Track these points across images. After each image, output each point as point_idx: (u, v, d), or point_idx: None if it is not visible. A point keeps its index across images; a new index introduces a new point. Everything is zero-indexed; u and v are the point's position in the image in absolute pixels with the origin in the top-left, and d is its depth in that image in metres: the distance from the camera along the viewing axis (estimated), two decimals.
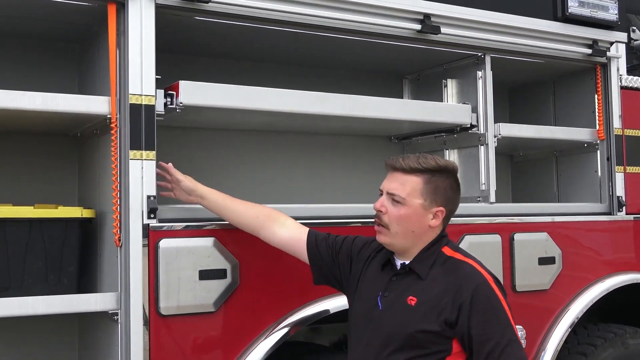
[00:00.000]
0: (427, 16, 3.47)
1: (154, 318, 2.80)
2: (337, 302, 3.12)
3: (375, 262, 2.70)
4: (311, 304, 3.10)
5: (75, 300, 2.78)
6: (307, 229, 2.90)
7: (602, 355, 3.90)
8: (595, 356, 3.89)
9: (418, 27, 3.46)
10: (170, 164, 2.96)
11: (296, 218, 3.03)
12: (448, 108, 3.80)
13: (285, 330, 3.01)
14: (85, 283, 3.08)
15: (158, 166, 2.91)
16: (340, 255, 2.80)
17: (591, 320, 4.25)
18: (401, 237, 2.55)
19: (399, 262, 2.62)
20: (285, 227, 2.90)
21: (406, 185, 2.53)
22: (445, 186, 2.56)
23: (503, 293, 2.49)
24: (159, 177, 2.92)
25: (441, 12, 3.50)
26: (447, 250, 2.59)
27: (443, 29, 3.52)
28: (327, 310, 3.12)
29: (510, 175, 4.82)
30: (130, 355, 2.74)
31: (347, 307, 3.09)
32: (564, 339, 3.76)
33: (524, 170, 4.76)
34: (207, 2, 2.96)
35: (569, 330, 3.78)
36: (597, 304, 3.95)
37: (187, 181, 2.95)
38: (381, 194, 2.60)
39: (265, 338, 2.98)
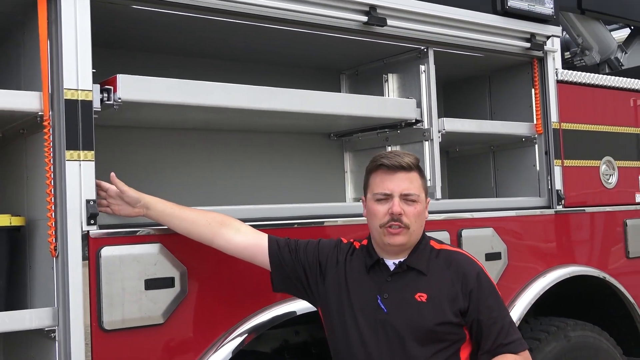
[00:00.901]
0: (373, 8, 3.35)
1: (97, 334, 2.56)
2: (300, 305, 2.97)
3: (355, 265, 2.64)
4: (266, 309, 2.94)
5: (8, 318, 2.49)
6: (265, 235, 2.75)
7: (546, 348, 3.91)
8: (540, 350, 3.88)
9: (364, 18, 3.34)
10: (112, 174, 2.68)
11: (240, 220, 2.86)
12: (394, 103, 3.71)
13: (240, 339, 2.83)
14: (13, 298, 2.80)
15: (96, 184, 2.64)
16: (306, 260, 2.69)
17: (530, 314, 4.26)
18: (416, 233, 2.58)
19: (391, 262, 2.60)
20: (241, 233, 2.73)
21: (414, 182, 2.58)
22: (426, 177, 2.71)
23: None
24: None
25: (387, 4, 3.40)
26: (434, 244, 2.67)
27: (389, 21, 3.41)
28: (294, 312, 2.98)
29: (446, 171, 4.78)
30: None
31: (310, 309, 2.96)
32: None
33: (460, 166, 4.73)
34: None
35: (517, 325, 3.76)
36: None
37: (131, 192, 2.68)
38: (383, 198, 2.55)
39: (219, 348, 2.79)
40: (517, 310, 3.79)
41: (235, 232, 2.73)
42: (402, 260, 2.58)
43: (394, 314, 2.50)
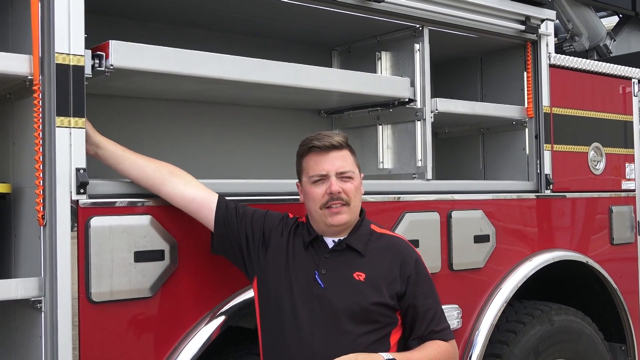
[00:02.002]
0: None
1: (84, 305, 2.49)
2: None
3: (297, 240, 2.65)
4: None
5: None
6: (216, 194, 2.72)
7: (530, 332, 3.91)
8: (524, 333, 3.89)
9: None
10: None
11: (228, 194, 2.84)
12: (388, 81, 3.65)
13: (228, 315, 2.79)
14: None
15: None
16: (251, 227, 2.68)
17: (515, 297, 4.26)
18: (355, 209, 2.63)
19: (330, 240, 2.63)
20: (190, 185, 2.70)
21: (347, 160, 2.64)
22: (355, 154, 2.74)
23: None
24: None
25: None
26: (376, 228, 2.71)
27: None
28: None
29: (434, 153, 4.74)
30: (58, 347, 2.43)
31: None
32: (497, 317, 3.73)
33: (448, 148, 4.69)
34: None
35: (502, 309, 3.76)
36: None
37: (87, 126, 2.60)
38: (320, 179, 2.59)
39: (207, 323, 2.74)
40: (504, 294, 3.79)
41: (185, 183, 2.70)
42: (341, 238, 2.61)
43: (331, 289, 2.53)
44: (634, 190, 4.67)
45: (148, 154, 3.46)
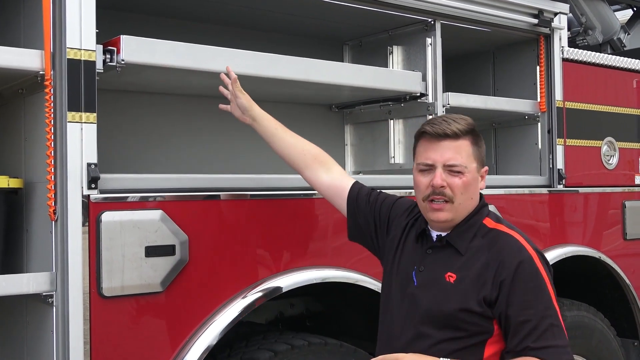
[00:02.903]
0: None
1: (96, 300, 2.50)
2: (290, 280, 2.93)
3: (412, 232, 2.49)
4: (265, 281, 2.88)
5: (4, 281, 2.42)
6: (353, 180, 2.76)
7: None
8: None
9: None
10: (235, 76, 2.81)
11: (239, 189, 2.88)
12: (400, 75, 3.64)
13: (238, 310, 2.78)
14: (8, 262, 2.73)
15: (225, 72, 2.82)
16: (379, 213, 2.63)
17: None
18: (462, 207, 2.35)
19: (434, 234, 2.42)
20: (329, 173, 2.76)
21: (461, 152, 2.33)
22: (483, 144, 2.44)
23: (548, 272, 2.33)
24: (222, 83, 2.87)
25: None
26: (488, 222, 2.40)
27: None
28: (280, 288, 2.91)
29: None
30: (69, 341, 2.44)
31: (300, 284, 2.95)
32: None
33: None
34: None
35: None
36: None
37: (244, 99, 2.81)
38: (426, 169, 2.36)
39: (218, 318, 2.74)
40: None
41: (326, 171, 2.76)
42: (443, 234, 2.39)
43: (421, 288, 2.35)
44: None
45: (160, 149, 3.49)
